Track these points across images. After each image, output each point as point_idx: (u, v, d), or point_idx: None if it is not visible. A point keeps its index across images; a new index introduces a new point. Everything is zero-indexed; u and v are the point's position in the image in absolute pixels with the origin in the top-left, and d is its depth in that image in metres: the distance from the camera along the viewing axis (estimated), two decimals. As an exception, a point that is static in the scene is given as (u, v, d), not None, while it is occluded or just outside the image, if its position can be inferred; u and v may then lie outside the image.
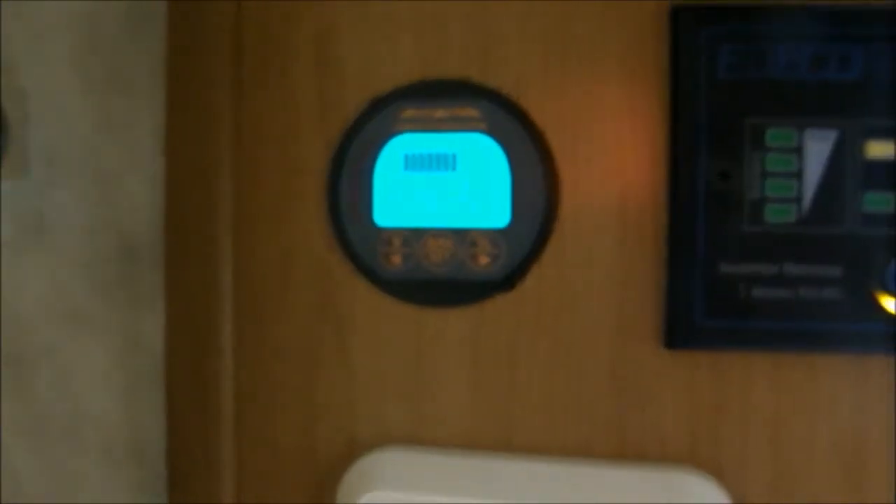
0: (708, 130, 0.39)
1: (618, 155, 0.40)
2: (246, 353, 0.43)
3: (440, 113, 0.41)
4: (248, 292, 0.43)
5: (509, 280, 0.41)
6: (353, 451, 0.42)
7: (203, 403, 0.43)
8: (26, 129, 0.32)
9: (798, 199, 0.38)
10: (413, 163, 0.41)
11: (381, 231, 0.41)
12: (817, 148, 0.38)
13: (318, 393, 0.43)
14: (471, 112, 0.41)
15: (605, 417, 0.41)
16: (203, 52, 0.42)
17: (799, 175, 0.38)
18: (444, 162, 0.41)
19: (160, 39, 0.42)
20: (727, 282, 0.39)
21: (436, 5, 0.41)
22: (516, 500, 0.39)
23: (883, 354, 0.39)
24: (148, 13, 0.41)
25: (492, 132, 0.40)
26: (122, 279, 0.40)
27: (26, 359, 0.34)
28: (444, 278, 0.41)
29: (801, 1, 0.39)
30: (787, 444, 0.40)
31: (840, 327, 0.39)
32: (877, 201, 0.38)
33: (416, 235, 0.41)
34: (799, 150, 0.38)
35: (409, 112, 0.41)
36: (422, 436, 0.42)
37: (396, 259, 0.41)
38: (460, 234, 0.41)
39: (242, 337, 0.43)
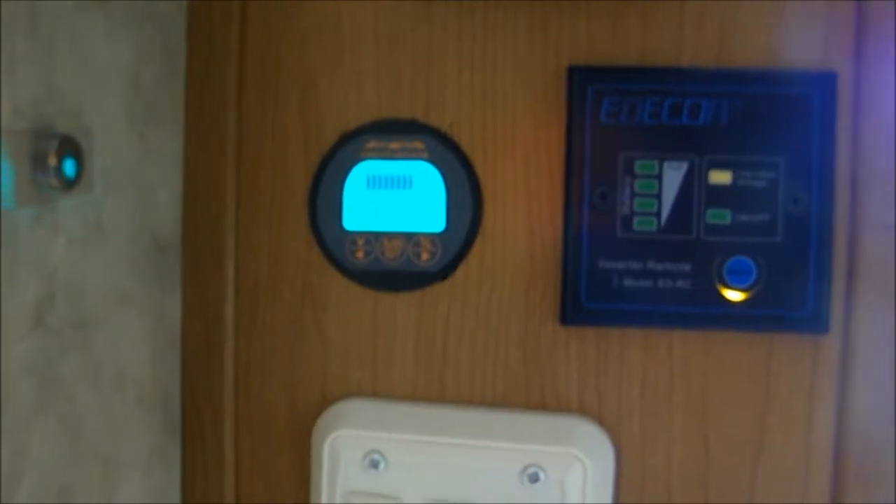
0: (592, 160, 0.52)
1: (528, 179, 0.54)
2: (244, 328, 0.57)
3: (395, 145, 0.55)
4: (247, 281, 0.57)
5: (444, 272, 0.55)
6: (325, 402, 0.56)
7: (210, 366, 0.57)
8: (91, 157, 0.47)
9: (658, 214, 0.52)
10: (374, 182, 0.55)
11: (348, 233, 0.55)
12: (672, 175, 0.52)
13: (299, 358, 0.56)
14: (418, 145, 0.55)
15: (516, 377, 0.54)
16: (213, 96, 0.56)
17: (659, 195, 0.52)
18: (397, 182, 0.55)
19: (182, 86, 0.56)
20: (606, 274, 0.52)
21: (392, 64, 0.54)
22: (448, 437, 0.53)
23: (722, 331, 0.52)
24: (173, 67, 0.54)
25: (433, 160, 0.54)
26: (153, 269, 0.53)
27: (89, 325, 0.48)
28: (395, 270, 0.55)
29: (663, 65, 0.52)
30: (652, 400, 0.53)
31: (690, 310, 0.52)
32: (716, 216, 0.51)
33: (375, 237, 0.55)
34: (659, 177, 0.52)
35: (371, 144, 0.55)
36: (377, 390, 0.56)
37: (360, 255, 0.55)
38: (408, 237, 0.55)
39: (241, 315, 0.57)
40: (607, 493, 0.53)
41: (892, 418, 0.52)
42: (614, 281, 0.52)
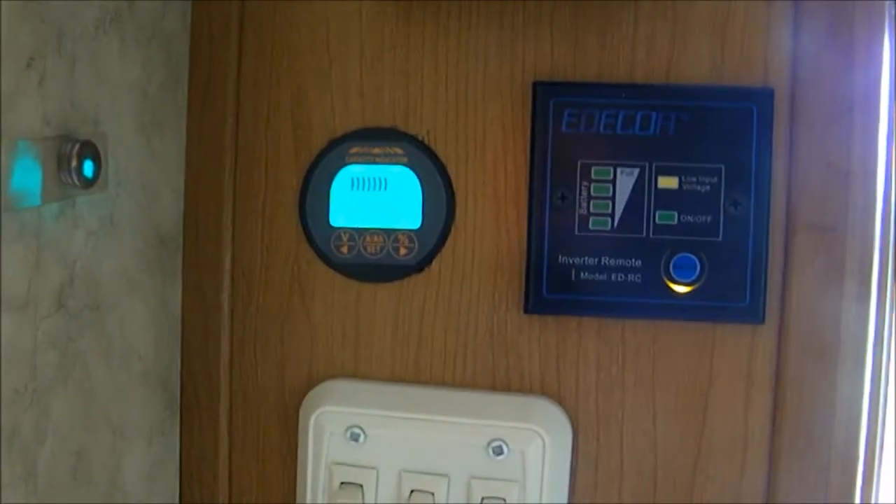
0: (553, 166, 0.59)
1: (496, 181, 0.61)
2: (238, 314, 0.64)
3: (376, 151, 0.62)
4: (242, 271, 0.64)
5: (420, 265, 0.62)
6: (311, 381, 0.63)
7: (207, 348, 0.65)
8: (106, 160, 0.56)
9: (612, 214, 0.59)
10: (357, 184, 0.62)
11: (334, 230, 0.63)
12: (625, 180, 0.59)
13: (288, 342, 0.64)
14: (397, 151, 0.62)
15: (484, 360, 0.62)
16: (213, 106, 0.64)
17: (612, 198, 0.59)
18: (378, 184, 0.62)
19: (185, 97, 0.64)
20: (565, 268, 0.59)
21: (375, 78, 0.62)
22: (422, 414, 0.60)
23: (669, 320, 0.60)
24: (177, 80, 0.62)
25: (410, 164, 0.62)
26: (157, 260, 0.61)
27: (102, 307, 0.56)
28: (376, 263, 0.62)
29: (618, 81, 0.60)
30: (605, 382, 0.61)
31: (640, 301, 0.59)
32: (664, 216, 0.59)
33: (358, 233, 0.62)
34: (613, 182, 0.59)
35: (356, 149, 0.62)
36: (358, 371, 0.63)
37: (345, 249, 0.63)
38: (388, 233, 0.62)
39: (236, 302, 0.64)
40: (565, 465, 0.61)
41: (822, 399, 0.59)
42: (572, 274, 0.60)
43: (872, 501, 0.61)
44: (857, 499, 0.60)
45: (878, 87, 0.58)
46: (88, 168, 0.52)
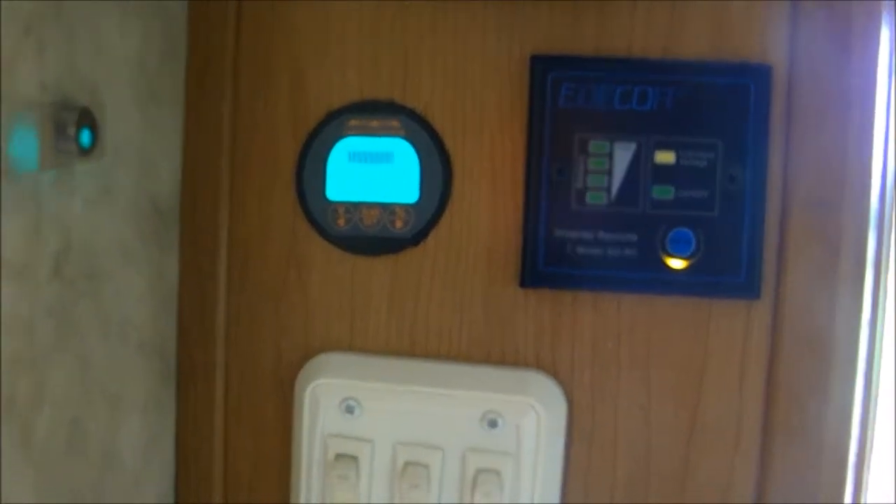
0: (551, 140, 0.60)
1: (493, 155, 0.62)
2: (234, 286, 0.65)
3: (374, 123, 0.63)
4: (238, 244, 0.65)
5: (416, 238, 0.63)
6: (307, 354, 0.64)
7: (203, 320, 0.65)
8: (104, 129, 0.57)
9: (608, 189, 0.60)
10: (355, 157, 0.63)
11: (331, 203, 0.63)
12: (622, 154, 0.59)
13: (284, 314, 0.65)
14: (395, 123, 0.63)
15: (479, 335, 0.62)
16: (212, 79, 0.64)
17: (609, 172, 0.60)
18: (375, 157, 0.63)
19: (182, 70, 0.64)
20: (561, 242, 0.60)
21: (374, 52, 0.63)
22: (416, 386, 0.61)
23: (664, 295, 0.60)
24: (175, 53, 0.63)
25: (408, 137, 0.62)
26: (154, 231, 0.61)
27: (97, 277, 0.57)
28: (373, 236, 0.63)
29: (615, 56, 0.60)
30: (601, 356, 0.61)
31: (636, 276, 0.60)
32: (661, 191, 0.59)
33: (355, 206, 0.63)
34: (610, 156, 0.60)
35: (353, 122, 0.63)
36: (354, 344, 0.64)
37: (341, 222, 0.63)
38: (385, 206, 0.63)
39: (233, 275, 0.65)
40: (559, 439, 0.62)
41: (816, 374, 0.60)
42: (568, 248, 0.61)
43: (865, 479, 0.62)
44: (850, 477, 0.61)
45: (875, 77, 0.59)
46: (86, 136, 0.53)
